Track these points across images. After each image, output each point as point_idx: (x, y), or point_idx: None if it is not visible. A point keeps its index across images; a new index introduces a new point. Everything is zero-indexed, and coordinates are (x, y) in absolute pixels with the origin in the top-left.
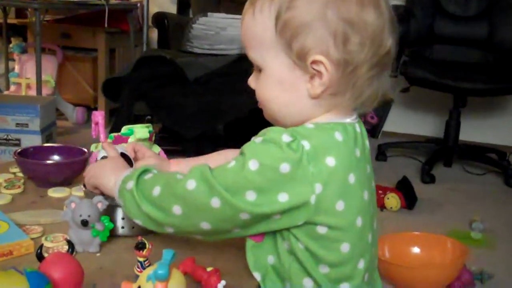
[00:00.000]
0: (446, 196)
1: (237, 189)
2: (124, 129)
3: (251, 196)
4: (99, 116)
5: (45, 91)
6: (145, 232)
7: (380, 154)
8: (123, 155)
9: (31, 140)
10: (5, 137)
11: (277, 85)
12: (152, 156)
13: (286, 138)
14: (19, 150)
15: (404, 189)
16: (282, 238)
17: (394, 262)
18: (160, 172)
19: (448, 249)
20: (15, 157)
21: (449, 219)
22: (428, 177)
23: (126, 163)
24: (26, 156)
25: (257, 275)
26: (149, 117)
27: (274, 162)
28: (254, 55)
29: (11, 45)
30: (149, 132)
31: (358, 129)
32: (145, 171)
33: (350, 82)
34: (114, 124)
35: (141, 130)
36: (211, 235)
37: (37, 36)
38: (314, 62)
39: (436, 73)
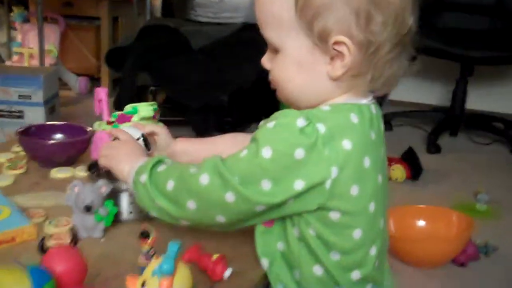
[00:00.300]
0: (452, 166)
1: (251, 180)
2: (128, 108)
3: (266, 185)
4: (102, 93)
5: (48, 60)
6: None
7: (386, 123)
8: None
9: (34, 112)
10: (8, 109)
11: (295, 66)
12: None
13: (300, 122)
14: (22, 129)
15: (410, 159)
16: (292, 224)
17: (399, 235)
18: (173, 163)
19: (454, 222)
20: (18, 136)
21: (455, 190)
22: (433, 147)
23: (141, 147)
24: (28, 135)
25: (265, 261)
26: (153, 88)
27: (288, 148)
28: (270, 35)
29: (12, 14)
30: (154, 110)
31: (373, 111)
32: (158, 162)
33: (371, 63)
34: (118, 96)
35: (145, 108)
36: (227, 227)
37: (39, 5)
38: (336, 43)
39: (443, 41)
